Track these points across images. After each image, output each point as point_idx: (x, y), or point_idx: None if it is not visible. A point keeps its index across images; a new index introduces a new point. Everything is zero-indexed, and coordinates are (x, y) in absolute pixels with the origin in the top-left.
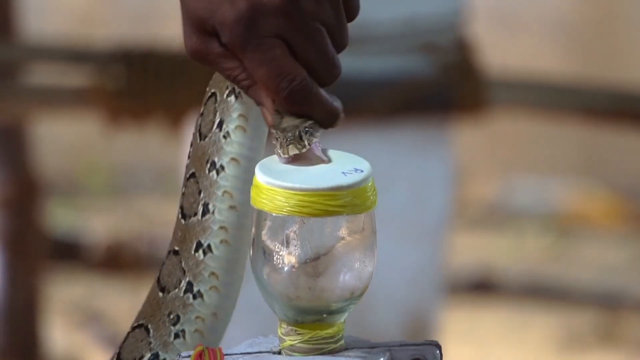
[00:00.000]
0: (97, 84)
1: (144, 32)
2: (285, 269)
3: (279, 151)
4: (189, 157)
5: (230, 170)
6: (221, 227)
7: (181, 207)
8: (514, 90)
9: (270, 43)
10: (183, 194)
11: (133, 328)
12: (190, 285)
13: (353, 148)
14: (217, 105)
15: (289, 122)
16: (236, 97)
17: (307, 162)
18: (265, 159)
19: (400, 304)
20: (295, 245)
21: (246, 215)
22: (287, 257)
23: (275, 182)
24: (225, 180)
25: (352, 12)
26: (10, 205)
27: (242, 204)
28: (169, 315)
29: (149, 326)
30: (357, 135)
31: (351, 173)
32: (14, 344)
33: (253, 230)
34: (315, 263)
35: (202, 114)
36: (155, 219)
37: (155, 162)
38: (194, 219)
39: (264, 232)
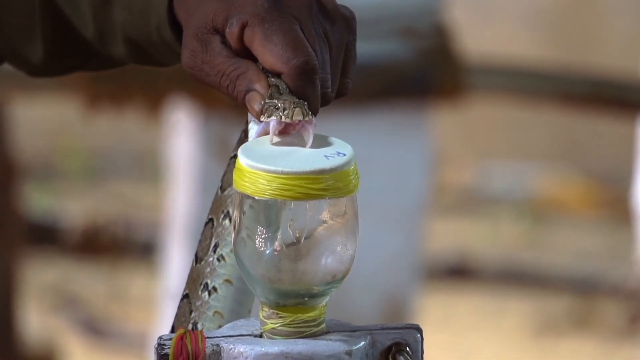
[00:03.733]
0: None
1: None
2: (267, 252)
3: (282, 114)
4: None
5: (222, 291)
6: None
7: (173, 327)
8: (490, 76)
9: (291, 19)
10: (176, 315)
11: None
12: None
13: (331, 133)
14: (213, 230)
15: (286, 95)
16: (230, 221)
17: (295, 142)
18: (247, 143)
19: (377, 288)
20: (277, 229)
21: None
22: (269, 240)
23: (258, 165)
24: (217, 301)
25: (342, 87)
26: None
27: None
28: None
29: None
30: (334, 119)
31: (333, 156)
32: None
33: (235, 213)
34: (297, 246)
35: (200, 241)
36: (132, 202)
37: (133, 146)
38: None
39: (245, 215)
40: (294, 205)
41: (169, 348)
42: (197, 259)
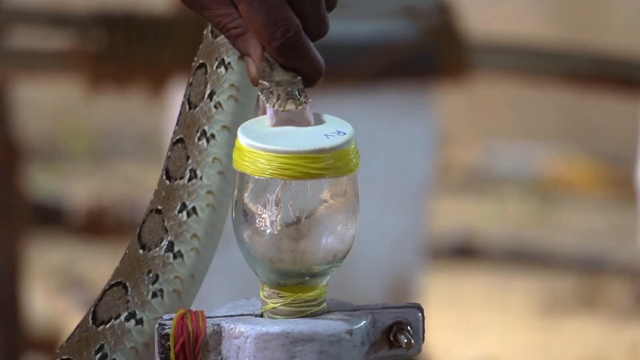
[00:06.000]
0: (79, 47)
1: None
2: (268, 231)
3: (275, 103)
4: (177, 124)
5: (221, 138)
6: (208, 192)
7: (166, 170)
8: (495, 55)
9: None
10: (169, 157)
11: (110, 286)
12: (171, 244)
13: (335, 112)
14: (207, 76)
15: (280, 75)
16: (226, 69)
17: (294, 123)
18: (247, 122)
19: (382, 268)
20: (278, 208)
21: (231, 182)
22: (270, 220)
23: (258, 145)
24: (215, 147)
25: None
26: None
27: (229, 170)
28: (148, 273)
29: (127, 284)
30: (338, 99)
31: (334, 136)
32: None
33: (235, 192)
34: (297, 226)
35: (190, 84)
36: (137, 183)
37: (138, 127)
38: (179, 181)
39: (246, 194)
40: (295, 184)
41: (169, 328)
42: (191, 104)
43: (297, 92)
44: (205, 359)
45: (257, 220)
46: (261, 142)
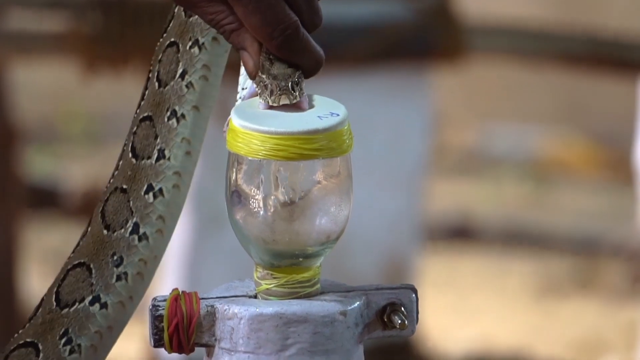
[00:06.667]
0: (75, 30)
1: None
2: (261, 212)
3: (268, 98)
4: (143, 98)
5: (190, 118)
6: (175, 172)
7: (132, 147)
8: (491, 37)
9: None
10: (134, 133)
11: (74, 265)
12: (136, 226)
13: (330, 95)
14: (179, 55)
15: (279, 68)
16: (200, 49)
17: (289, 109)
18: (241, 103)
19: (378, 249)
20: (271, 189)
21: (195, 162)
22: (263, 201)
23: (251, 126)
24: (184, 128)
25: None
26: None
27: (195, 150)
28: (112, 256)
29: (92, 266)
30: (334, 81)
31: (327, 117)
32: None
33: (228, 174)
34: (291, 207)
35: (160, 61)
36: None
37: (133, 109)
38: (147, 161)
39: (239, 175)
40: (288, 165)
41: (163, 309)
42: (161, 82)
43: (291, 87)
44: (199, 340)
45: (250, 202)
46: (255, 123)
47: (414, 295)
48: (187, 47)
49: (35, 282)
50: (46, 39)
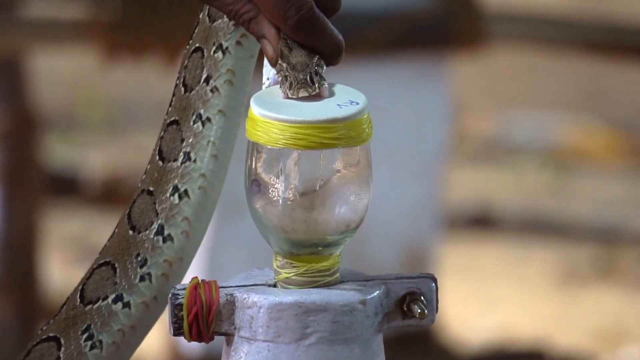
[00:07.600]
0: (94, 17)
1: None
2: (281, 201)
3: (287, 91)
4: (170, 105)
5: (216, 121)
6: (201, 175)
7: (160, 150)
8: (512, 24)
9: None
10: (162, 137)
11: (99, 264)
12: (161, 228)
13: (350, 82)
14: (204, 60)
15: (298, 57)
16: (224, 53)
17: (308, 98)
18: (260, 92)
19: (398, 238)
20: (291, 178)
21: (224, 165)
22: (283, 190)
23: (271, 115)
24: (210, 131)
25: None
26: (8, 139)
27: (222, 153)
28: (137, 256)
29: (116, 265)
30: (353, 69)
31: (347, 105)
32: (11, 278)
33: (248, 162)
34: (310, 196)
35: (186, 67)
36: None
37: (153, 96)
38: (173, 163)
39: (259, 164)
40: (308, 154)
41: (182, 298)
42: (187, 87)
43: (310, 78)
44: (218, 329)
45: (270, 190)
46: (274, 112)
47: (433, 284)
48: (212, 52)
49: (56, 269)
50: (66, 27)
